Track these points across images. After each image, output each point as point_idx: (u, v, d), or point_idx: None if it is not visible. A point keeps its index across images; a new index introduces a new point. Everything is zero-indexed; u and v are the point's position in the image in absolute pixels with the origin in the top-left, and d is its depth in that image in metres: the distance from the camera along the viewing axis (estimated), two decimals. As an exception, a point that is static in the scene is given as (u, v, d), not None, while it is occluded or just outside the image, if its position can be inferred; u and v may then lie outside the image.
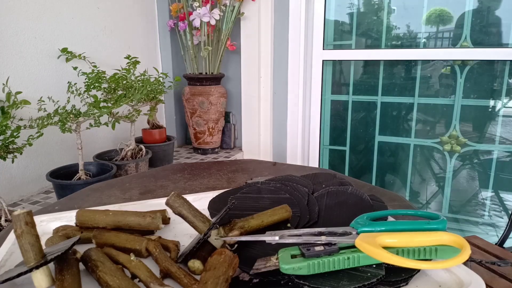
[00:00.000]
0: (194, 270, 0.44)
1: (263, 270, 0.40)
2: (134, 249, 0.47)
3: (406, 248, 0.40)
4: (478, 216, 1.86)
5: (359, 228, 0.43)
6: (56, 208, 0.66)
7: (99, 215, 0.52)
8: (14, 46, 1.36)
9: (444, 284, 0.41)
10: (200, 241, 0.45)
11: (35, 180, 1.49)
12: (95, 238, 0.49)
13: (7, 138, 1.09)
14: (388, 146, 1.95)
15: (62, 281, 0.40)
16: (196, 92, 2.01)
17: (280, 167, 0.91)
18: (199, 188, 0.76)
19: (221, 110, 2.12)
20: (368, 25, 1.86)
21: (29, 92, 1.41)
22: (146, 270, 0.42)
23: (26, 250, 0.40)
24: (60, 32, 1.53)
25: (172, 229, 0.56)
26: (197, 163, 0.95)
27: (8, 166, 1.36)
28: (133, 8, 1.93)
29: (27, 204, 1.42)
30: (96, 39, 1.71)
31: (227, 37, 1.94)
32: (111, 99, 1.38)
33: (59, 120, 1.23)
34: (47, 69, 1.50)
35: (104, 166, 1.48)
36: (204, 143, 2.15)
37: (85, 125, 1.36)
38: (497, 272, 1.08)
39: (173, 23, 2.04)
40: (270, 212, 0.51)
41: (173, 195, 0.48)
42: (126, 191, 0.74)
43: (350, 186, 0.63)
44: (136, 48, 1.95)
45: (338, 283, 0.38)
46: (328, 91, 2.03)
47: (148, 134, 1.86)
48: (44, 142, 1.49)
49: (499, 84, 1.69)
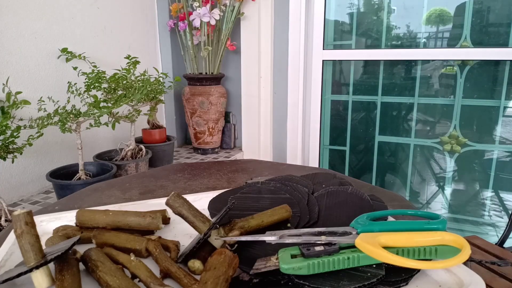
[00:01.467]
0: (194, 270, 0.44)
1: (263, 270, 0.40)
2: (134, 249, 0.47)
3: (406, 248, 0.40)
4: (478, 216, 1.86)
5: (359, 228, 0.43)
6: (56, 208, 0.66)
7: (99, 215, 0.52)
8: (14, 46, 1.36)
9: (444, 284, 0.41)
10: (200, 241, 0.45)
11: (35, 180, 1.49)
12: (95, 238, 0.49)
13: (7, 138, 1.09)
14: (388, 146, 1.95)
15: (62, 281, 0.40)
16: (196, 92, 2.01)
17: (280, 167, 0.91)
18: (199, 188, 0.76)
19: (221, 110, 2.12)
20: (368, 25, 1.86)
21: (29, 92, 1.41)
22: (146, 270, 0.42)
23: (26, 250, 0.40)
24: (60, 32, 1.53)
25: (172, 229, 0.56)
26: (197, 163, 0.95)
27: (8, 166, 1.36)
28: (133, 8, 1.93)
29: (27, 204, 1.42)
30: (96, 39, 1.71)
31: (227, 37, 1.94)
32: (111, 99, 1.38)
33: (59, 120, 1.23)
34: (47, 69, 1.50)
35: (104, 166, 1.48)
36: (204, 143, 2.15)
37: (85, 125, 1.36)
38: (497, 272, 1.08)
39: (173, 23, 2.04)
40: (270, 212, 0.51)
41: (173, 195, 0.48)
42: (126, 191, 0.74)
43: (350, 186, 0.63)
44: (136, 48, 1.95)
45: (338, 283, 0.38)
46: (328, 91, 2.03)
47: (148, 134, 1.86)
48: (44, 142, 1.49)
49: (499, 84, 1.69)
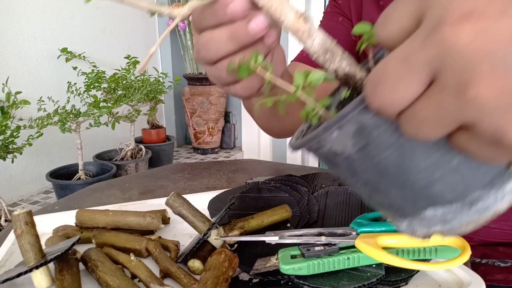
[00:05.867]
0: (194, 270, 0.44)
1: (263, 271, 0.40)
2: (134, 249, 0.47)
3: (406, 249, 0.40)
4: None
5: (359, 228, 0.43)
6: (56, 208, 0.66)
7: (99, 215, 0.52)
8: (14, 46, 1.36)
9: (444, 284, 0.41)
10: (200, 241, 0.46)
11: (35, 180, 1.49)
12: (95, 238, 0.49)
13: (7, 138, 1.09)
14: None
15: (62, 281, 0.40)
16: (196, 92, 2.01)
17: (280, 167, 0.91)
18: (199, 188, 0.76)
19: (221, 110, 2.12)
20: (368, 25, 1.86)
21: (29, 92, 1.41)
22: (146, 270, 0.43)
23: (26, 250, 0.40)
24: (60, 32, 1.53)
25: (172, 229, 0.56)
26: (197, 163, 0.95)
27: (8, 166, 1.37)
28: (133, 8, 1.93)
29: (27, 204, 1.42)
30: (96, 39, 1.71)
31: (227, 37, 1.95)
32: (111, 99, 1.38)
33: (59, 120, 1.23)
34: (47, 69, 1.50)
35: (104, 166, 1.48)
36: (204, 143, 2.16)
37: (85, 125, 1.36)
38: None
39: (173, 23, 2.04)
40: (270, 212, 0.51)
41: (173, 195, 0.48)
42: (126, 191, 0.74)
43: (350, 186, 0.63)
44: (136, 48, 1.95)
45: (338, 283, 0.38)
46: (328, 91, 2.03)
47: (148, 134, 1.86)
48: (44, 142, 1.49)
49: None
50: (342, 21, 0.78)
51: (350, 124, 0.20)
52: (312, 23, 0.25)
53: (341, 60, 0.25)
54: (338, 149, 0.21)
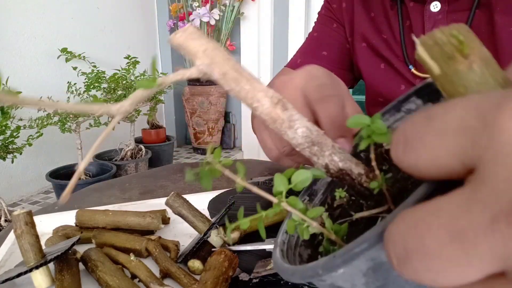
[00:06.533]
0: (194, 270, 0.44)
1: (264, 274, 0.40)
2: (134, 249, 0.47)
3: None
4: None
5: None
6: (56, 208, 0.66)
7: (99, 215, 0.52)
8: (14, 46, 1.36)
9: (444, 284, 0.41)
10: (200, 241, 0.46)
11: (35, 180, 1.49)
12: (95, 238, 0.49)
13: (7, 138, 1.09)
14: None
15: (62, 281, 0.40)
16: (196, 92, 2.01)
17: (280, 167, 0.91)
18: (199, 188, 0.76)
19: (221, 110, 2.12)
20: (368, 25, 1.86)
21: (29, 92, 1.41)
22: (146, 270, 0.43)
23: (26, 250, 0.40)
24: (60, 32, 1.53)
25: (172, 229, 0.56)
26: (197, 163, 0.95)
27: (8, 166, 1.37)
28: (133, 8, 1.93)
29: (27, 204, 1.42)
30: (96, 39, 1.71)
31: (226, 37, 1.94)
32: (111, 99, 1.38)
33: (59, 120, 1.23)
34: (47, 69, 1.50)
35: (104, 166, 1.48)
36: (204, 143, 2.15)
37: (85, 125, 1.36)
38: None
39: (173, 23, 2.04)
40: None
41: (173, 195, 0.48)
42: (126, 191, 0.74)
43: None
44: (136, 48, 1.95)
45: (338, 283, 0.38)
46: (328, 91, 2.03)
47: (148, 134, 1.86)
48: (44, 142, 1.49)
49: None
50: (336, 28, 0.78)
51: (361, 261, 0.16)
52: (292, 109, 0.21)
53: (332, 154, 0.21)
54: (344, 286, 0.17)
